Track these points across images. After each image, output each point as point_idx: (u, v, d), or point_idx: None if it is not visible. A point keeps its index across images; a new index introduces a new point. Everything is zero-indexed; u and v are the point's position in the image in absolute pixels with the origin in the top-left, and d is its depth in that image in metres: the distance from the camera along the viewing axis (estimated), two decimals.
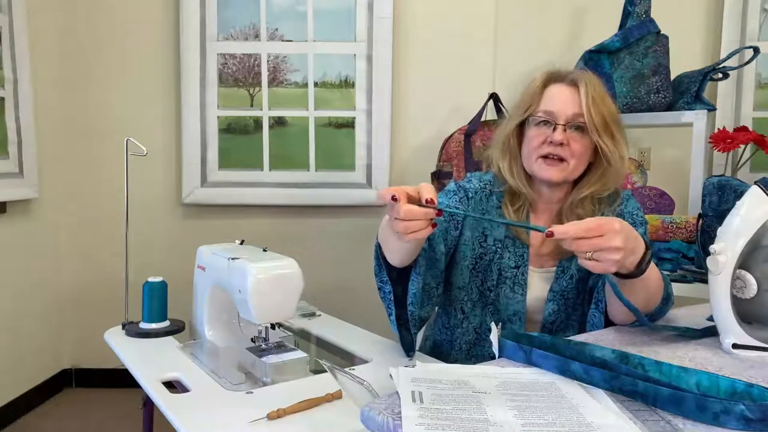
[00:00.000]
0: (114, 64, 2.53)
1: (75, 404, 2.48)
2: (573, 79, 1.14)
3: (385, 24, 2.47)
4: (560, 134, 1.11)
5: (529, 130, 1.16)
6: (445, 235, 1.17)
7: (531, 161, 1.16)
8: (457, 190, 1.22)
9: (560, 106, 1.12)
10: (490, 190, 1.23)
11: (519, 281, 1.18)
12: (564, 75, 1.16)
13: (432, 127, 2.51)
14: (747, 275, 0.88)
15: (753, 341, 0.87)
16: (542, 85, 1.16)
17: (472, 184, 1.23)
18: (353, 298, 2.48)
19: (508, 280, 1.19)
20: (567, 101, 1.12)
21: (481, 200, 1.22)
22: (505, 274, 1.19)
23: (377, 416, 0.64)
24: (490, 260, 1.20)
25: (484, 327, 1.22)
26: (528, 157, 1.16)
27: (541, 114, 1.14)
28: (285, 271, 1.16)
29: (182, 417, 0.93)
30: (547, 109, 1.14)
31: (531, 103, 1.16)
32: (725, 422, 0.61)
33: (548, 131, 1.13)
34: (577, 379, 0.73)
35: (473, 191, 1.22)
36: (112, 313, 1.85)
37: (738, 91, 2.37)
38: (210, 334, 1.30)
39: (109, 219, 2.51)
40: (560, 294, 1.18)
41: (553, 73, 1.17)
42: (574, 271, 1.18)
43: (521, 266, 1.18)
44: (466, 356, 1.25)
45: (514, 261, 1.19)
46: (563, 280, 1.18)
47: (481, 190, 1.23)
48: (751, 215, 0.87)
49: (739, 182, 1.64)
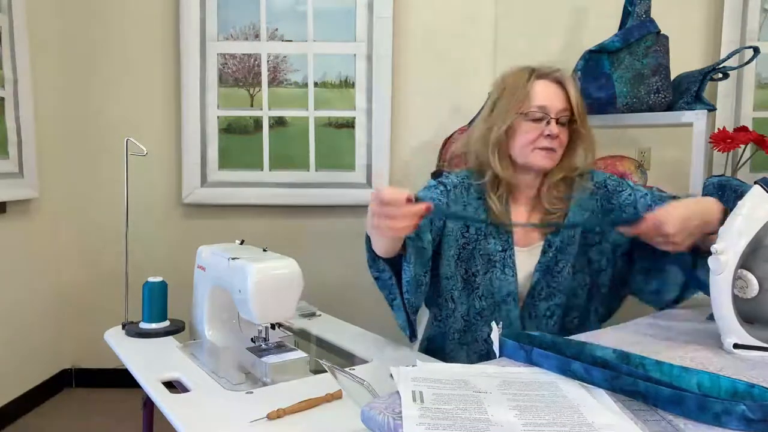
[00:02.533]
0: (114, 64, 2.53)
1: (75, 404, 2.48)
2: (557, 78, 1.24)
3: (385, 24, 2.47)
4: (556, 127, 1.21)
5: (523, 125, 1.22)
6: (431, 226, 1.22)
7: (527, 153, 1.23)
8: (437, 185, 1.29)
9: (550, 101, 1.22)
10: (468, 184, 1.30)
11: (508, 263, 1.25)
12: (547, 72, 1.24)
13: (432, 127, 2.51)
14: (748, 275, 0.88)
15: (754, 341, 0.87)
16: (527, 80, 1.23)
17: (450, 179, 1.31)
18: (353, 298, 2.48)
19: (498, 263, 1.25)
20: (555, 97, 1.22)
21: (461, 192, 1.29)
22: (493, 258, 1.25)
23: (378, 416, 0.64)
24: (473, 248, 1.26)
25: (472, 312, 1.28)
26: (523, 149, 1.23)
27: (536, 109, 1.21)
28: (285, 271, 1.16)
29: (182, 417, 0.93)
30: (540, 104, 1.21)
31: (522, 99, 1.22)
32: (726, 422, 0.61)
33: (542, 125, 1.21)
34: (577, 379, 0.73)
35: (451, 185, 1.29)
36: (112, 313, 1.85)
37: (738, 91, 2.37)
38: (210, 334, 1.30)
39: (109, 219, 2.51)
40: (545, 265, 1.25)
41: (535, 70, 1.25)
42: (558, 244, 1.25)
43: (507, 249, 1.25)
44: (459, 344, 1.30)
45: (500, 245, 1.25)
46: (550, 253, 1.25)
47: (459, 183, 1.30)
48: (753, 215, 0.87)
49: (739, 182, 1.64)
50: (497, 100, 1.26)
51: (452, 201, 1.26)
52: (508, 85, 1.25)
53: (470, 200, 1.28)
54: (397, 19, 2.49)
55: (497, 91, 1.27)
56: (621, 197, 1.26)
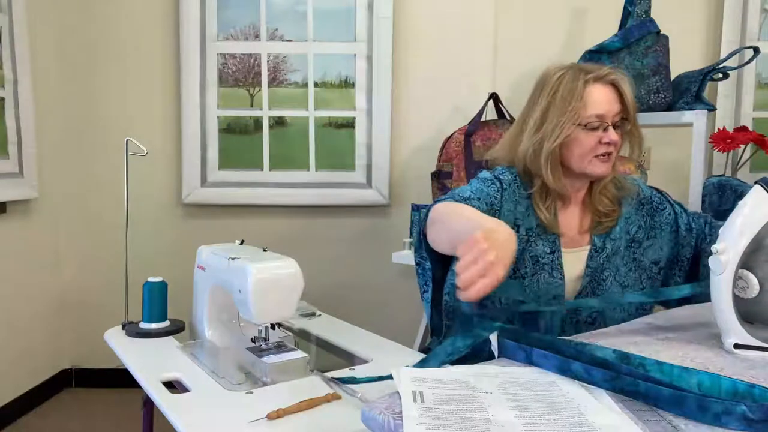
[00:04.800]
0: (114, 64, 2.53)
1: (75, 404, 2.48)
2: (612, 80, 1.19)
3: (385, 24, 2.47)
4: (615, 134, 1.18)
5: (581, 135, 1.18)
6: None
7: (584, 162, 1.19)
8: (494, 180, 1.24)
9: (607, 107, 1.18)
10: (519, 183, 1.25)
11: (555, 265, 1.22)
12: (602, 75, 1.19)
13: (432, 127, 2.51)
14: (749, 275, 0.88)
15: (755, 341, 0.86)
16: (582, 87, 1.18)
17: (506, 176, 1.25)
18: (353, 298, 2.48)
19: (546, 266, 1.22)
20: (611, 102, 1.18)
21: (514, 191, 1.24)
22: (542, 260, 1.22)
23: (378, 416, 0.63)
24: (522, 249, 1.22)
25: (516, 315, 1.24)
26: (581, 159, 1.19)
27: (594, 118, 1.17)
28: (285, 271, 1.16)
29: (182, 417, 0.93)
30: (597, 113, 1.17)
31: (578, 109, 1.17)
32: (727, 423, 0.61)
33: (599, 133, 1.18)
34: (578, 379, 0.73)
35: (507, 183, 1.24)
36: (112, 313, 1.85)
37: (738, 91, 2.37)
38: (210, 334, 1.30)
39: (109, 219, 2.51)
40: (594, 269, 1.23)
41: (590, 73, 1.19)
42: (609, 249, 1.24)
43: (555, 251, 1.22)
44: None
45: (548, 247, 1.22)
46: (599, 258, 1.24)
47: (513, 182, 1.25)
48: (754, 214, 0.86)
49: (739, 182, 1.64)
50: (548, 109, 1.20)
51: (505, 200, 1.22)
52: (559, 93, 1.18)
53: (520, 199, 1.24)
54: (397, 19, 2.49)
55: (546, 98, 1.20)
56: (662, 216, 1.27)
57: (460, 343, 0.86)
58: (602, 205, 1.25)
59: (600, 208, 1.25)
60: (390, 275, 2.50)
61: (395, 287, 2.51)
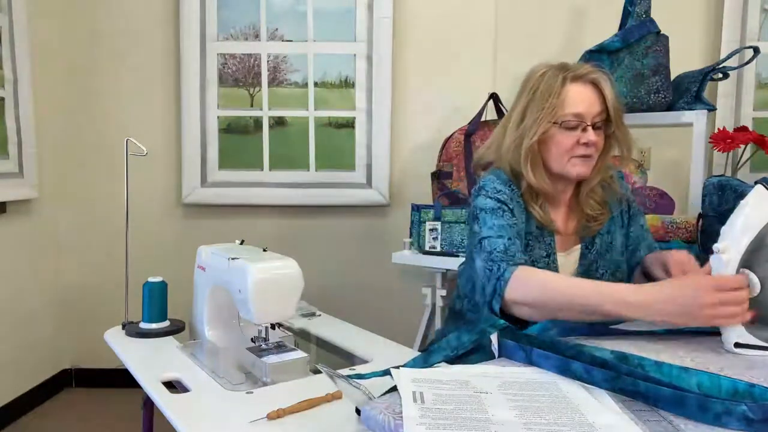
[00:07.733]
0: (114, 64, 2.53)
1: (75, 404, 2.48)
2: (592, 79, 1.17)
3: (385, 24, 2.47)
4: (593, 135, 1.16)
5: (557, 133, 1.17)
6: None
7: (563, 162, 1.18)
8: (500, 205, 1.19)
9: (586, 107, 1.16)
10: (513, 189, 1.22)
11: (552, 268, 1.22)
12: (581, 73, 1.17)
13: (432, 127, 2.51)
14: (750, 274, 0.88)
15: (755, 340, 0.87)
16: (560, 85, 1.16)
17: (504, 193, 1.20)
18: (353, 298, 2.48)
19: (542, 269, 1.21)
20: (591, 101, 1.16)
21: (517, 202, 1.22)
22: (538, 264, 1.22)
23: (378, 416, 0.63)
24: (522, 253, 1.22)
25: None
26: (559, 158, 1.18)
27: (571, 118, 1.15)
28: (285, 271, 1.16)
29: (182, 417, 0.93)
30: (575, 112, 1.15)
31: (555, 107, 1.15)
32: (727, 423, 0.61)
33: (578, 133, 1.16)
34: (578, 379, 0.73)
35: (508, 198, 1.20)
36: (112, 313, 1.85)
37: (738, 91, 2.37)
38: (210, 334, 1.30)
39: (109, 219, 2.51)
40: (585, 267, 1.24)
41: (570, 72, 1.18)
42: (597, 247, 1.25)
43: (550, 254, 1.23)
44: None
45: (544, 250, 1.23)
46: (589, 256, 1.24)
47: (510, 191, 1.21)
48: (756, 214, 0.87)
49: (739, 182, 1.63)
50: (527, 107, 1.19)
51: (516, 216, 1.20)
52: (539, 90, 1.17)
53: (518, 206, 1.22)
54: (397, 19, 2.49)
55: (526, 96, 1.19)
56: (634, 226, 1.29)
57: (465, 338, 0.87)
58: (590, 208, 1.24)
59: (588, 211, 1.24)
60: (390, 275, 2.50)
61: (395, 287, 2.51)
